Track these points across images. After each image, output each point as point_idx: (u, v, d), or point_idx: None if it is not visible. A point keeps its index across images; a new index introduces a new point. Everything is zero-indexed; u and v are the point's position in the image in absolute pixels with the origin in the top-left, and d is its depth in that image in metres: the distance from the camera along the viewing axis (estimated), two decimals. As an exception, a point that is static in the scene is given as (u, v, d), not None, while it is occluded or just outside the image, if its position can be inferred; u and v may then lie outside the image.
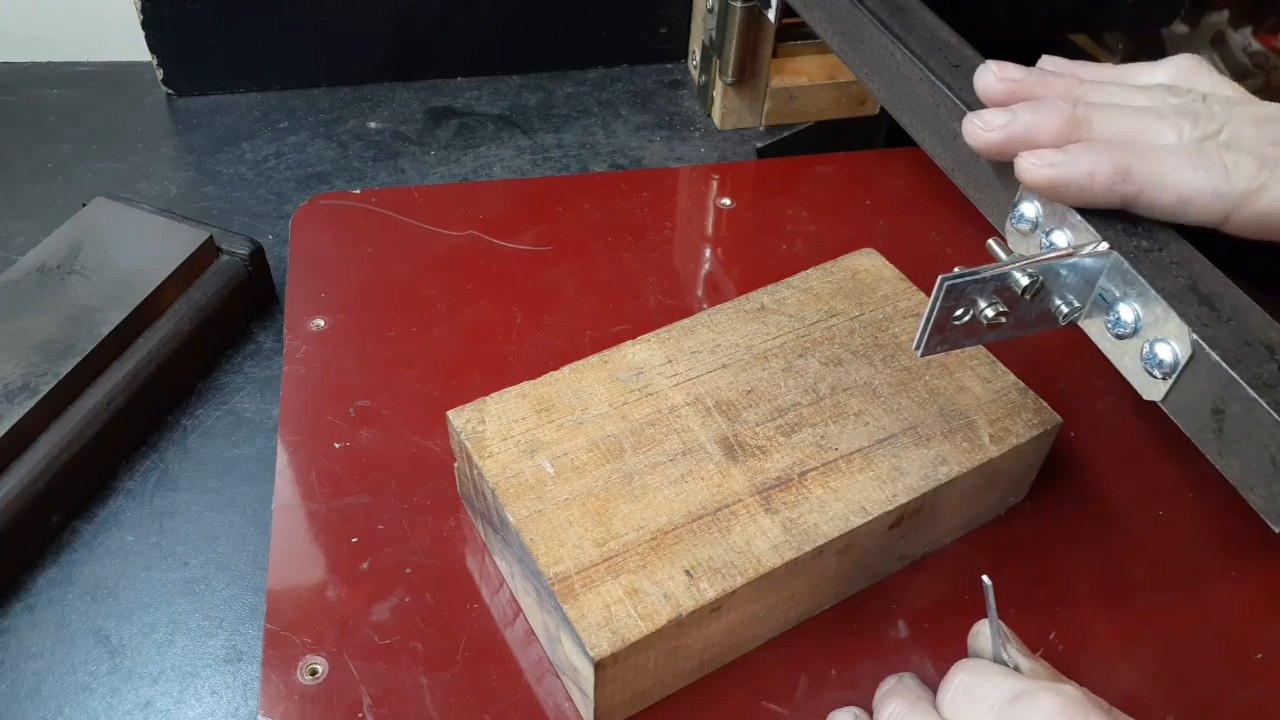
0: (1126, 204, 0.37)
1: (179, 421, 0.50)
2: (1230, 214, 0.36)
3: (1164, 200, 0.36)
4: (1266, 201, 0.35)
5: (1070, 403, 0.47)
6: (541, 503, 0.38)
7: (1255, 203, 0.35)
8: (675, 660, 0.37)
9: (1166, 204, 0.36)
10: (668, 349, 0.44)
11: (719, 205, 0.60)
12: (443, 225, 0.57)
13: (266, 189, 0.63)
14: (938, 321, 0.36)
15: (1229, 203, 0.35)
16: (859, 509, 0.39)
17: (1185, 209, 0.36)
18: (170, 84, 0.68)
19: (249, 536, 0.46)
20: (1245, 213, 0.35)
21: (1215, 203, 0.35)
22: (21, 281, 0.49)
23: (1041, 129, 0.38)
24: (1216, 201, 0.35)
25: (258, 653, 0.41)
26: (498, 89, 0.71)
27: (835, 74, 0.67)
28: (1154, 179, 0.36)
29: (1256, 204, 0.35)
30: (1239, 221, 0.36)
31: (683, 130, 0.69)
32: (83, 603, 0.44)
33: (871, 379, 0.43)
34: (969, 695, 0.33)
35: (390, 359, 0.50)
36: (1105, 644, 0.42)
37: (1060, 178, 0.36)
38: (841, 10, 0.49)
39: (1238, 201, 0.35)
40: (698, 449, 0.40)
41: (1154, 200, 0.36)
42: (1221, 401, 0.33)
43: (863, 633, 0.42)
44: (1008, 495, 0.45)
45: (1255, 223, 0.36)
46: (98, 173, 0.63)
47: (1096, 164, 0.36)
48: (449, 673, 0.39)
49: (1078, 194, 0.37)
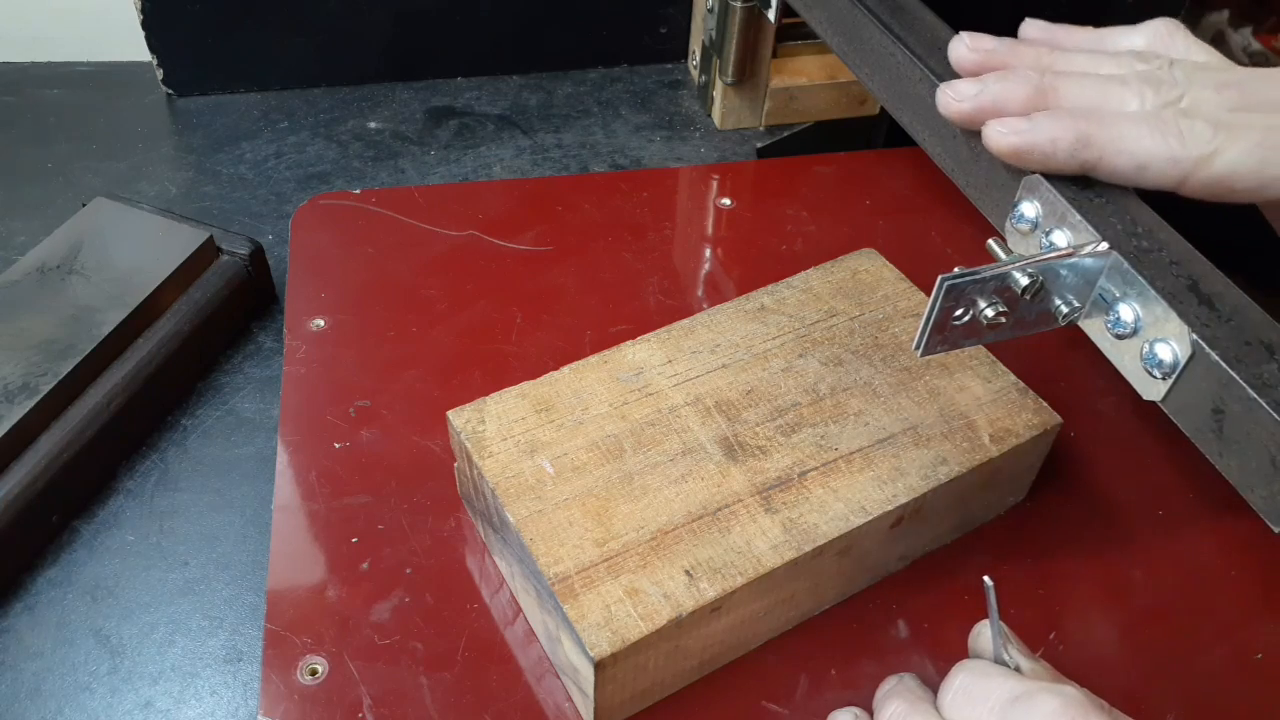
0: (1087, 169, 0.38)
1: (179, 421, 0.50)
2: (1186, 178, 0.37)
3: (1122, 165, 0.37)
4: (1219, 166, 0.36)
5: (1070, 403, 0.47)
6: (541, 503, 0.38)
7: (1209, 167, 0.36)
8: (675, 660, 0.37)
9: (1124, 169, 0.37)
10: (668, 349, 0.44)
11: (719, 205, 0.60)
12: (443, 225, 0.57)
13: (266, 189, 0.63)
14: (938, 321, 0.36)
15: (1184, 168, 0.36)
16: (859, 509, 0.39)
17: (1143, 174, 0.37)
18: (170, 84, 0.68)
19: (249, 536, 0.46)
20: (1200, 177, 0.37)
21: (1170, 168, 0.37)
22: (21, 281, 0.49)
23: (1009, 98, 0.39)
24: (1172, 167, 0.37)
25: (258, 653, 0.41)
26: (498, 89, 0.71)
27: (835, 74, 0.67)
28: (1113, 145, 0.37)
29: (1210, 169, 0.36)
30: (1194, 185, 0.37)
31: (683, 130, 0.69)
32: (83, 603, 0.44)
33: (871, 379, 0.43)
34: (970, 696, 0.33)
35: (390, 359, 0.50)
36: (1105, 644, 0.42)
37: (1025, 144, 0.38)
38: (841, 10, 0.49)
39: (1192, 167, 0.36)
40: (698, 449, 0.40)
41: (1113, 166, 0.37)
42: (1221, 401, 0.33)
43: (863, 633, 0.42)
44: (1008, 495, 0.45)
45: (1209, 186, 0.37)
46: (98, 173, 0.63)
47: (1059, 131, 0.37)
48: (449, 673, 0.39)
49: (1041, 160, 0.38)
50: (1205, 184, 0.37)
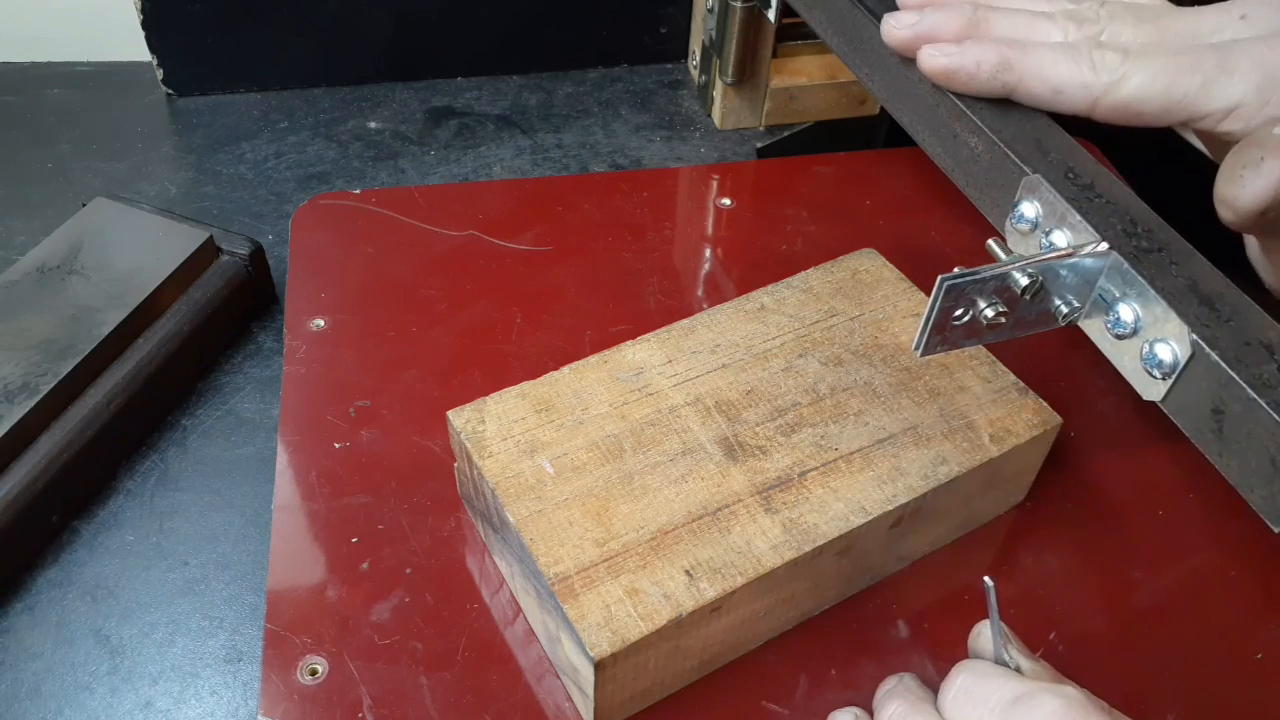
0: (1008, 92, 0.42)
1: (179, 421, 0.50)
2: (1096, 103, 0.40)
3: (1038, 90, 0.41)
4: (1126, 91, 0.39)
5: (1070, 403, 0.47)
6: (541, 503, 0.38)
7: (1117, 92, 0.39)
8: (675, 660, 0.37)
9: (1041, 93, 0.41)
10: (668, 349, 0.44)
11: (719, 205, 0.60)
12: (443, 225, 0.57)
13: (266, 189, 0.63)
14: (938, 321, 0.36)
15: (1093, 93, 0.40)
16: (859, 509, 0.39)
17: (1058, 98, 0.41)
18: (170, 84, 0.68)
19: (249, 536, 0.46)
20: (1108, 102, 0.40)
21: (1082, 93, 0.40)
22: (21, 281, 0.49)
23: (944, 27, 0.43)
24: (1083, 92, 0.40)
25: (258, 653, 0.41)
26: (498, 89, 0.71)
27: (835, 74, 0.67)
28: (1031, 70, 0.41)
29: (1118, 94, 0.39)
30: (1104, 110, 0.40)
31: (683, 130, 0.69)
32: (83, 603, 0.44)
33: (871, 379, 0.43)
34: (970, 697, 0.33)
35: (390, 359, 0.50)
36: (1105, 644, 0.42)
37: (952, 65, 0.42)
38: (841, 10, 0.49)
39: (1101, 92, 0.39)
40: (698, 449, 0.40)
41: (1030, 89, 0.41)
42: (1221, 402, 0.33)
43: (863, 633, 0.42)
44: (1008, 495, 0.45)
45: (1118, 110, 0.40)
46: (98, 173, 0.63)
47: (984, 55, 0.41)
48: (449, 673, 0.39)
49: (966, 80, 0.42)
50: (1114, 108, 0.40)
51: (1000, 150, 0.41)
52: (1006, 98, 0.42)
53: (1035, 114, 0.42)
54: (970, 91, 0.42)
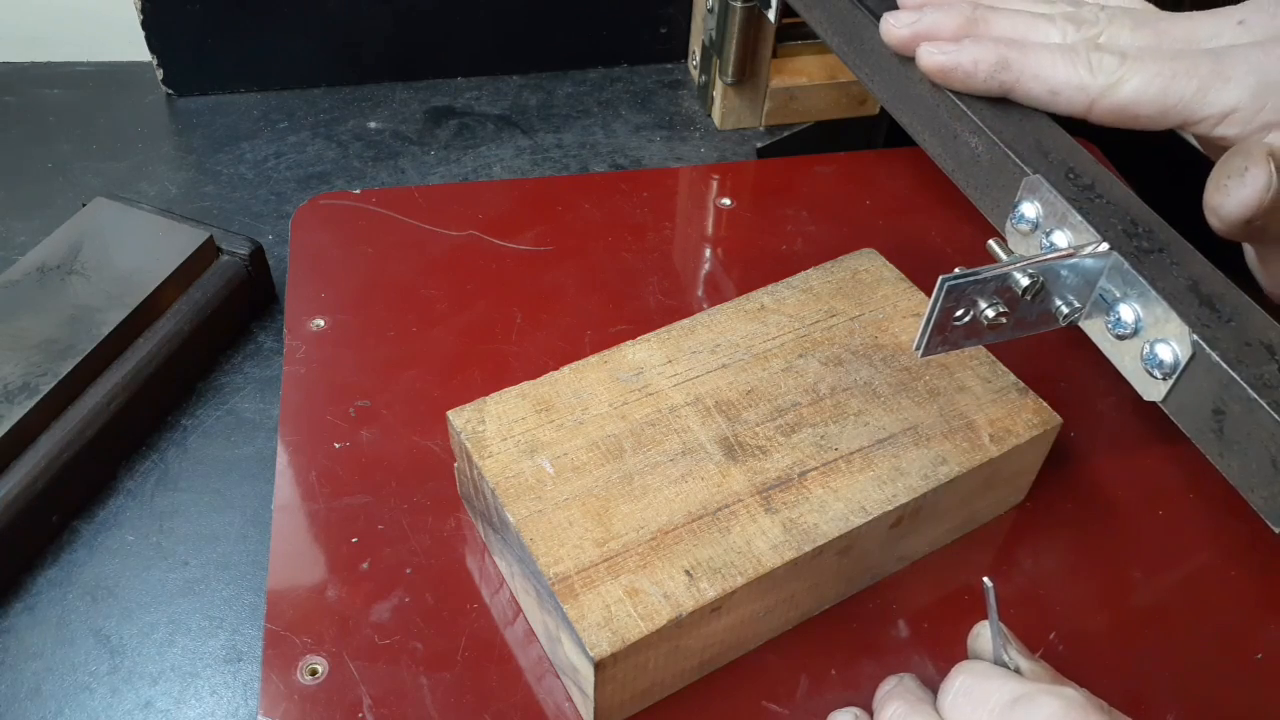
0: (1005, 91, 0.42)
1: (179, 421, 0.50)
2: (1092, 104, 0.40)
3: (1036, 90, 0.41)
4: (1122, 94, 0.39)
5: (1070, 403, 0.47)
6: (541, 503, 0.38)
7: (1113, 95, 0.40)
8: (675, 660, 0.37)
9: (1038, 93, 0.41)
10: (668, 349, 0.44)
11: (719, 205, 0.60)
12: (443, 225, 0.57)
13: (266, 189, 0.63)
14: (938, 322, 0.36)
15: (1090, 95, 0.40)
16: (859, 509, 0.39)
17: (1055, 99, 0.41)
18: (170, 84, 0.68)
19: (249, 536, 0.46)
20: (1104, 104, 0.40)
21: (1078, 94, 0.40)
22: (21, 281, 0.49)
23: (942, 26, 0.43)
24: (1079, 94, 0.40)
25: (258, 653, 0.41)
26: (498, 89, 0.71)
27: (835, 74, 0.67)
28: (1029, 71, 0.41)
29: (1114, 96, 0.40)
30: (1100, 112, 0.40)
31: (683, 130, 0.69)
32: (83, 603, 0.44)
33: (871, 379, 0.43)
34: (970, 698, 0.33)
35: (390, 359, 0.50)
36: (1105, 644, 0.42)
37: (950, 63, 0.42)
38: (841, 10, 0.49)
39: (1097, 94, 0.40)
40: (698, 449, 0.40)
41: (1027, 89, 0.41)
42: (1222, 402, 0.33)
43: (863, 633, 0.42)
44: (1008, 495, 0.45)
45: (1114, 113, 0.40)
46: (98, 173, 0.63)
47: (982, 54, 0.41)
48: (449, 673, 0.39)
49: (964, 79, 0.42)
50: (1110, 110, 0.40)
51: (1001, 150, 0.41)
52: (1004, 97, 0.42)
53: (1036, 114, 0.42)
54: (968, 90, 0.42)
